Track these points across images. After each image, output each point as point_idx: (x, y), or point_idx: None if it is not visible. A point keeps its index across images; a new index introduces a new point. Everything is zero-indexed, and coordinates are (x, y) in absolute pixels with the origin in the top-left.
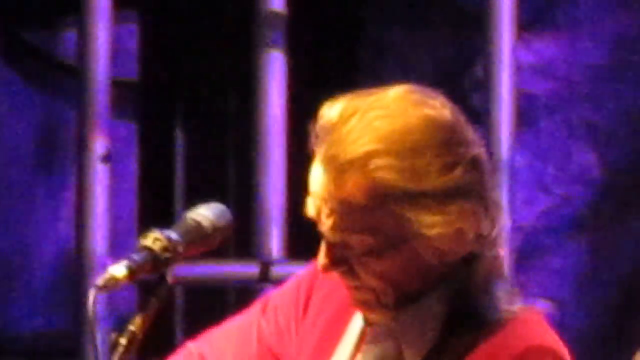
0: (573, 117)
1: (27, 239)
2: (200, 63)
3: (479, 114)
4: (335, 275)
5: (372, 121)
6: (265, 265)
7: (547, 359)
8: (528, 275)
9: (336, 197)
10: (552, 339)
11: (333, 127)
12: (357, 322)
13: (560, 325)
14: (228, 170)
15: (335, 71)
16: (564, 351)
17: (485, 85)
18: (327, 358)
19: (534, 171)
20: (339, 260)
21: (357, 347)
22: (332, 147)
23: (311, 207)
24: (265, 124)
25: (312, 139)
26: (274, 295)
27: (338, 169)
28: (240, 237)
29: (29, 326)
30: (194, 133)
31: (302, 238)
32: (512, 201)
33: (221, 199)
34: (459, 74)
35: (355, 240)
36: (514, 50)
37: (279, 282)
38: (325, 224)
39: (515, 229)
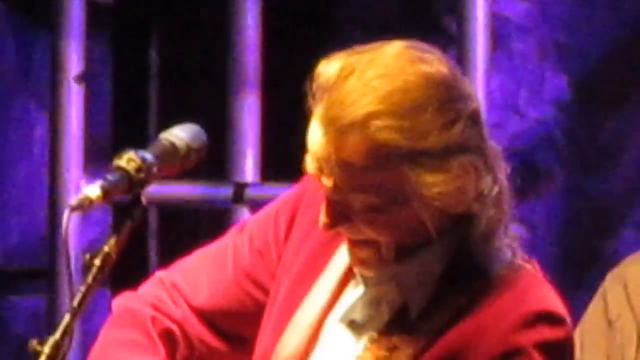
0: (546, 39)
1: (1, 159)
2: None
3: (452, 37)
4: (319, 204)
5: (371, 81)
6: (239, 187)
7: (555, 325)
8: None
9: (337, 158)
10: (557, 303)
11: (331, 87)
12: (340, 258)
13: (532, 248)
14: (203, 91)
15: None
16: (566, 312)
17: (457, 8)
18: (307, 289)
19: (506, 94)
20: (341, 219)
21: (342, 285)
22: (331, 108)
23: (311, 166)
24: (241, 45)
25: (310, 98)
26: (250, 220)
27: (338, 130)
28: (215, 159)
29: (2, 247)
30: (169, 54)
31: (277, 160)
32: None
33: (196, 120)
34: None
35: (356, 199)
36: None
37: (252, 204)
38: (326, 184)
39: None
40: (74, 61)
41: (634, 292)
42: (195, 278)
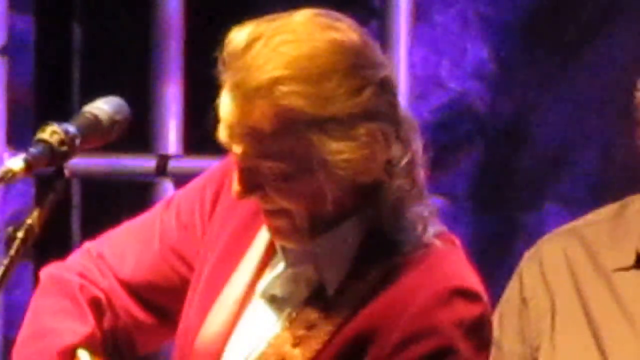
0: (468, 11)
1: None
2: None
3: (374, 10)
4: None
5: (278, 46)
6: (163, 159)
7: (470, 301)
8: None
9: (244, 124)
10: (473, 279)
11: (239, 54)
12: (264, 234)
13: (453, 220)
14: (125, 64)
15: None
16: (481, 288)
17: None
18: (233, 267)
19: (429, 66)
20: (253, 187)
21: (265, 261)
22: (238, 73)
23: (222, 134)
24: (164, 16)
25: (220, 66)
26: (178, 194)
27: (244, 95)
28: (138, 132)
29: None
30: (92, 26)
31: (200, 132)
32: (406, 97)
33: (119, 92)
34: None
35: (266, 166)
36: None
37: (176, 176)
38: (236, 150)
39: None
40: None
41: (549, 269)
42: (122, 251)
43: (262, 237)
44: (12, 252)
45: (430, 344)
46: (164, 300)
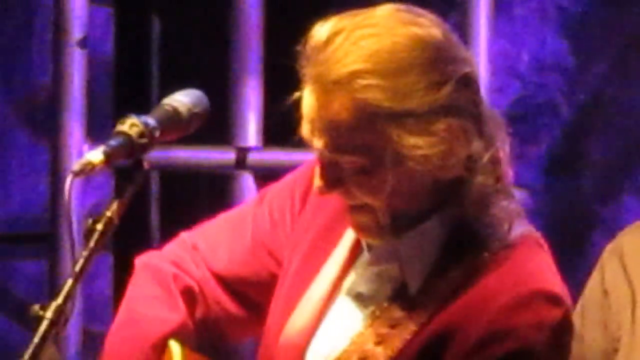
0: (547, 3)
1: (2, 125)
2: None
3: (452, 4)
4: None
5: (358, 40)
6: (242, 152)
7: (551, 303)
8: None
9: (324, 118)
10: (556, 281)
11: (320, 48)
12: (350, 235)
13: (532, 212)
14: (204, 56)
15: None
16: (564, 291)
17: None
18: (318, 267)
19: (507, 58)
20: (334, 181)
21: (350, 259)
22: (318, 66)
23: (305, 129)
24: (243, 9)
25: (301, 61)
26: (271, 189)
27: (324, 88)
28: (217, 124)
29: (4, 212)
30: (171, 18)
31: (279, 125)
32: (486, 88)
33: (198, 85)
34: None
35: (346, 160)
36: None
37: (255, 169)
38: (317, 145)
39: None
40: (76, 25)
41: (630, 260)
42: (216, 243)
43: (349, 235)
44: (91, 243)
45: (508, 346)
46: (254, 294)
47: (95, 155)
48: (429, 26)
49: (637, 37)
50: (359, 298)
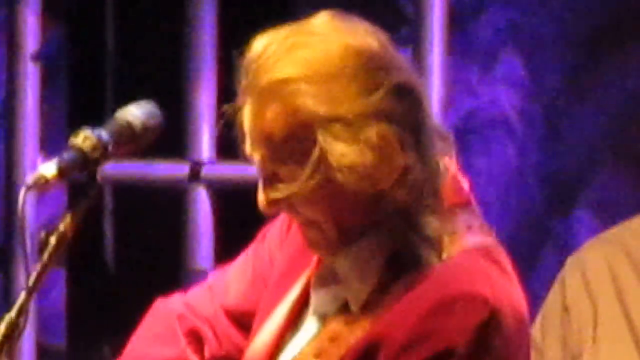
0: (499, 17)
1: None
2: None
3: (406, 18)
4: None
5: (291, 48)
6: (196, 165)
7: (473, 305)
8: None
9: (259, 127)
10: (485, 283)
11: (255, 59)
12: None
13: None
14: (158, 69)
15: None
16: (498, 295)
17: None
18: (285, 291)
19: (459, 72)
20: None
21: (305, 291)
22: (251, 77)
23: (247, 145)
24: (197, 22)
25: (242, 72)
26: (273, 222)
27: (257, 97)
28: (171, 137)
29: None
30: (124, 32)
31: (233, 138)
32: (437, 102)
33: (152, 97)
34: None
35: (284, 171)
36: None
37: (209, 182)
38: (256, 159)
39: None
40: (30, 40)
41: (593, 278)
42: (228, 279)
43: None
44: (44, 257)
45: (430, 348)
46: None
47: (49, 169)
48: (363, 35)
49: (592, 51)
50: (320, 317)
